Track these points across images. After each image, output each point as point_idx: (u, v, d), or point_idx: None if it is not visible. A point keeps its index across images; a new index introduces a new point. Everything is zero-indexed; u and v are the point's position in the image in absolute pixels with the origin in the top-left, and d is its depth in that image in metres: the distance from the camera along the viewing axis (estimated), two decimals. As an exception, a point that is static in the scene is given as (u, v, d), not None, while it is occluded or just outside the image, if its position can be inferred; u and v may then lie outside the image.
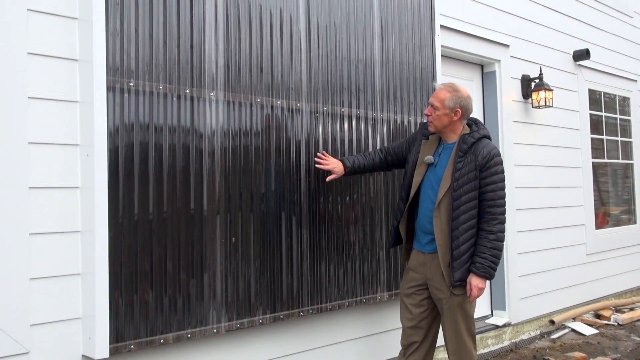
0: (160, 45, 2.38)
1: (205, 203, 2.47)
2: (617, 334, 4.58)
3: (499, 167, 2.48)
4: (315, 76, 2.92)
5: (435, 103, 2.55)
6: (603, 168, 5.54)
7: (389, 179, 3.23)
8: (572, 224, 4.92)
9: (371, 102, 3.17)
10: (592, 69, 5.27)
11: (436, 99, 2.55)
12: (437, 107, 2.53)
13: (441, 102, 2.52)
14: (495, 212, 2.45)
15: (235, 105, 2.59)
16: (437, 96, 2.55)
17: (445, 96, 2.53)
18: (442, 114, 2.53)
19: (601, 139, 5.50)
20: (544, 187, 4.64)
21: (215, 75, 2.53)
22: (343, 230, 2.98)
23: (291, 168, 2.77)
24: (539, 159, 4.61)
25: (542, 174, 4.63)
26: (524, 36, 4.56)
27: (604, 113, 5.55)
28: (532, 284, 4.47)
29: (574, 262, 4.92)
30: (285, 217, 2.74)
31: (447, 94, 2.53)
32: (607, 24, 5.52)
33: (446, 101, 2.51)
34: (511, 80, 4.41)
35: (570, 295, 4.85)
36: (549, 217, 4.66)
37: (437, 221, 2.50)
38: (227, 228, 2.53)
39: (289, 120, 2.79)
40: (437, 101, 2.54)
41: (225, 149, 2.54)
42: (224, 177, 2.53)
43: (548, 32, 4.81)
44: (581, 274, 4.98)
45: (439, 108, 2.53)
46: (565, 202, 4.86)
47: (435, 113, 2.55)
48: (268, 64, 2.72)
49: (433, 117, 2.56)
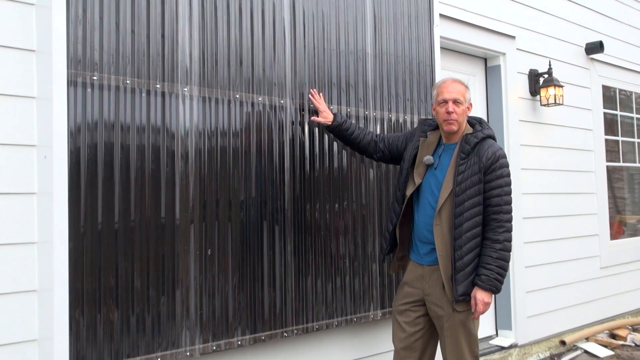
0: (127, 35, 2.39)
1: (178, 211, 2.47)
2: (634, 355, 4.64)
3: (505, 170, 2.52)
4: (301, 70, 2.95)
5: (459, 97, 2.55)
6: (618, 172, 5.63)
7: (382, 185, 3.26)
8: (585, 234, 4.99)
9: (363, 98, 3.20)
10: (606, 63, 5.36)
11: (459, 93, 2.55)
12: (461, 101, 2.55)
13: (463, 95, 2.55)
14: (501, 219, 2.48)
15: (211, 101, 2.60)
16: (458, 90, 2.56)
17: (463, 89, 2.57)
18: (464, 110, 2.57)
19: (616, 141, 5.59)
20: (553, 194, 4.71)
21: (189, 69, 2.54)
22: (332, 241, 3.00)
23: (274, 172, 2.79)
24: (548, 162, 4.68)
25: (551, 178, 4.69)
26: (531, 27, 4.63)
27: (620, 112, 5.65)
28: (541, 300, 4.53)
29: (587, 276, 4.98)
30: (268, 227, 2.75)
31: (462, 87, 2.57)
32: (622, 13, 5.62)
33: (466, 94, 2.56)
34: (517, 75, 4.47)
35: (583, 313, 4.92)
36: (559, 227, 4.73)
37: (437, 230, 2.53)
38: (202, 239, 2.53)
39: (271, 119, 2.81)
40: (461, 95, 2.55)
41: (200, 150, 2.55)
42: (199, 182, 2.54)
43: (558, 23, 4.89)
44: (595, 290, 5.05)
45: (463, 102, 2.55)
46: (577, 210, 4.93)
47: (459, 108, 2.56)
48: (248, 57, 2.74)
49: (457, 113, 2.56)
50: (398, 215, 2.68)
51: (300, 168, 2.90)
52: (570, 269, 4.81)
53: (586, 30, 5.18)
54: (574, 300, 4.83)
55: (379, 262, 3.18)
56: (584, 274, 4.94)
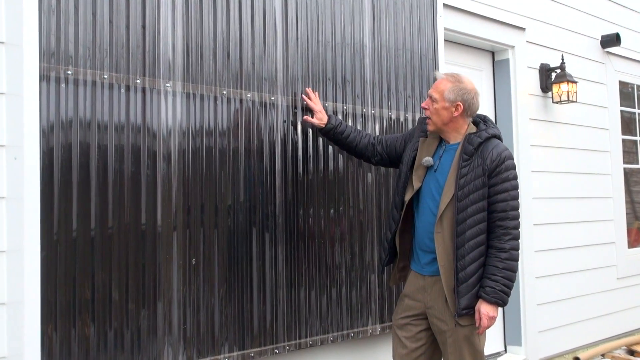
0: (105, 26, 2.40)
1: (160, 217, 2.48)
2: (653, 373, 4.67)
3: (512, 173, 2.54)
4: (293, 64, 2.96)
5: (433, 94, 2.62)
6: (637, 175, 5.67)
7: (382, 189, 3.28)
8: (600, 241, 5.02)
9: (360, 95, 3.23)
10: (623, 57, 5.40)
11: (435, 90, 2.62)
12: (435, 98, 2.60)
13: (440, 94, 2.59)
14: (507, 225, 2.50)
15: (196, 98, 2.61)
16: (437, 87, 2.63)
17: (445, 87, 2.59)
18: (440, 108, 2.59)
19: (634, 141, 5.63)
20: (566, 198, 4.74)
21: (172, 63, 2.56)
22: (327, 249, 3.02)
23: (264, 174, 2.81)
24: (560, 164, 4.71)
25: (564, 182, 4.72)
26: (542, 18, 4.66)
27: (638, 110, 5.69)
28: (553, 314, 4.55)
29: (603, 287, 5.01)
30: (257, 234, 2.76)
31: (447, 84, 2.59)
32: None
33: (446, 92, 2.58)
34: (527, 70, 4.51)
35: (599, 327, 4.95)
36: (572, 234, 4.76)
37: (439, 238, 2.54)
38: (186, 247, 2.54)
39: (261, 117, 2.82)
40: (436, 92, 2.61)
41: (184, 151, 2.56)
42: (183, 185, 2.55)
43: (571, 13, 4.93)
44: (611, 302, 5.08)
45: (438, 100, 2.60)
46: (592, 216, 4.96)
47: (433, 106, 2.61)
48: (236, 50, 2.76)
49: (431, 110, 2.62)
50: (397, 223, 2.70)
51: (293, 170, 2.91)
52: (585, 280, 4.84)
53: (602, 22, 5.22)
54: (589, 314, 4.86)
55: (378, 273, 3.19)
56: (599, 284, 4.97)
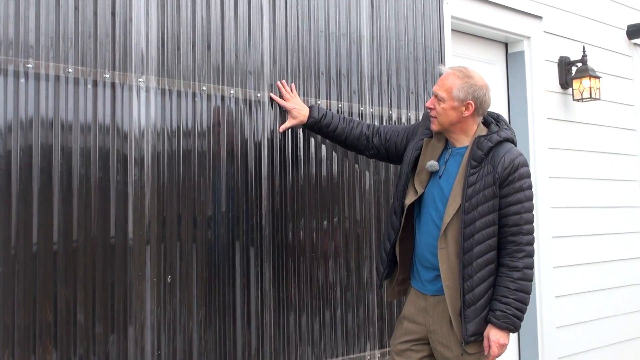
0: (69, 12, 2.41)
1: (131, 229, 2.49)
2: (688, 405, 4.69)
3: (526, 182, 2.55)
4: (282, 56, 2.99)
5: (440, 92, 2.61)
6: (668, 181, 5.70)
7: (381, 196, 3.30)
8: (629, 256, 5.05)
9: (357, 91, 3.25)
10: (652, 49, 5.44)
11: (441, 88, 2.61)
12: (442, 97, 2.60)
13: (448, 92, 2.59)
14: (520, 241, 2.51)
15: (172, 95, 2.63)
16: (443, 84, 2.62)
17: (453, 83, 2.60)
18: (448, 108, 2.59)
19: (665, 143, 5.66)
20: (589, 207, 4.77)
21: (145, 54, 2.57)
22: (319, 265, 3.03)
23: (249, 181, 2.82)
24: (582, 169, 4.74)
25: (586, 189, 4.76)
26: (561, 5, 4.70)
27: (669, 108, 5.72)
28: (575, 338, 4.57)
29: (631, 307, 5.03)
30: (241, 249, 2.78)
31: (456, 80, 2.60)
32: (671, -11, 5.71)
33: (454, 90, 2.58)
34: (545, 63, 4.54)
35: (626, 353, 4.96)
36: (596, 248, 4.78)
37: (443, 254, 2.55)
38: (161, 263, 2.55)
39: (245, 116, 2.84)
40: (443, 90, 2.60)
41: (158, 154, 2.58)
42: (157, 193, 2.56)
43: (594, 0, 4.96)
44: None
45: (445, 99, 2.59)
46: (618, 228, 4.99)
47: (439, 106, 2.61)
48: (218, 40, 2.78)
49: (437, 111, 2.62)
50: (397, 231, 2.69)
51: (281, 176, 2.93)
52: (611, 299, 4.85)
53: (628, 10, 5.25)
54: (616, 337, 4.87)
55: (377, 291, 3.21)
56: (627, 304, 4.99)
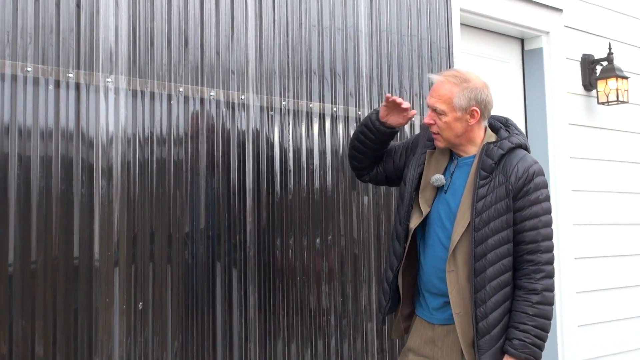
0: (29, 3, 2.42)
1: (97, 249, 2.50)
2: None
3: (542, 192, 2.57)
4: (269, 54, 3.01)
5: (438, 105, 2.58)
6: None
7: (381, 212, 3.32)
8: (661, 280, 5.10)
9: (354, 93, 3.28)
10: (687, 46, 5.50)
11: (439, 99, 2.59)
12: (442, 110, 2.58)
13: (447, 102, 2.57)
14: (539, 260, 2.53)
15: (145, 97, 2.65)
16: (439, 95, 2.59)
17: (451, 92, 2.58)
18: (452, 120, 2.58)
19: (702, 152, 5.71)
20: (617, 225, 4.80)
21: (114, 51, 2.59)
22: (311, 290, 3.04)
23: (232, 194, 2.84)
24: (608, 181, 4.77)
25: (614, 204, 4.78)
26: (585, -4, 4.77)
27: None
28: (602, 374, 4.60)
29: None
30: (222, 270, 2.79)
31: (453, 88, 2.58)
32: None
33: (455, 99, 2.57)
34: (566, 62, 4.58)
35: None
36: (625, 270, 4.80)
37: (452, 277, 2.56)
38: (131, 288, 2.56)
39: (228, 121, 2.86)
40: (441, 101, 2.58)
41: (129, 164, 2.59)
42: (127, 207, 2.58)
43: (621, -10, 5.04)
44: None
45: (446, 112, 2.58)
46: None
47: (441, 120, 2.59)
48: (196, 35, 2.80)
49: (439, 126, 2.60)
50: (400, 259, 2.70)
51: (268, 188, 2.95)
52: (642, 331, 4.92)
53: (659, 1, 5.32)
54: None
55: (377, 320, 3.24)
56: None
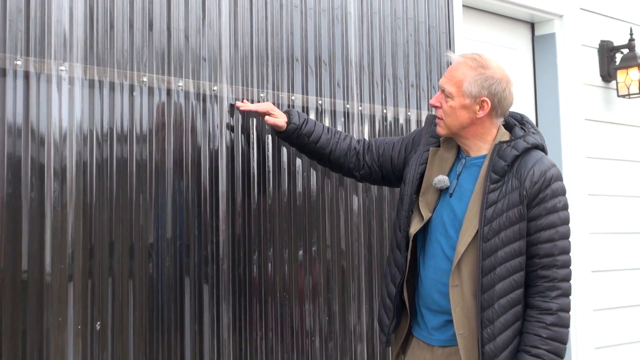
0: (-29, -18, 2.42)
1: (49, 261, 2.48)
2: None
3: (561, 200, 2.57)
4: (245, 40, 3.00)
5: (447, 87, 2.62)
6: None
7: (373, 219, 3.31)
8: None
9: (342, 83, 3.27)
10: None
11: (450, 80, 2.63)
12: (450, 93, 2.61)
13: (457, 86, 2.60)
14: (555, 276, 2.53)
15: (104, 87, 2.63)
16: (452, 75, 2.63)
17: (464, 75, 2.61)
18: (458, 106, 2.61)
19: None
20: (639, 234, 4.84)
21: (68, 36, 2.58)
22: (293, 308, 3.03)
23: (202, 199, 2.83)
24: (629, 184, 4.79)
25: (636, 210, 4.81)
26: (603, -25, 4.79)
27: None
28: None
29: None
30: (192, 286, 2.78)
31: (468, 71, 2.61)
32: None
33: (466, 84, 2.59)
34: (582, 49, 4.59)
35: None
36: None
37: (456, 293, 2.57)
38: (88, 306, 2.54)
39: (198, 116, 2.85)
40: (451, 83, 2.62)
41: (85, 164, 2.57)
42: (83, 214, 2.56)
43: (644, -31, 5.06)
44: None
45: (454, 95, 2.61)
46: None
47: (447, 104, 2.62)
48: (162, 17, 2.79)
49: (444, 110, 2.63)
50: (403, 270, 2.71)
51: (244, 193, 2.94)
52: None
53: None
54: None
55: (368, 342, 3.22)
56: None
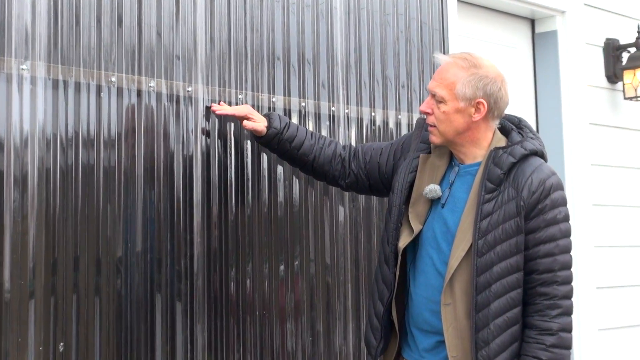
0: None
1: (7, 277, 2.47)
2: None
3: (561, 211, 2.58)
4: (223, 37, 3.00)
5: (438, 90, 2.62)
6: None
7: (360, 231, 3.31)
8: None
9: (327, 84, 3.27)
10: None
11: (440, 83, 2.62)
12: (442, 97, 2.61)
13: (449, 88, 2.60)
14: (555, 293, 2.54)
15: (68, 88, 2.62)
16: (442, 77, 2.63)
17: (456, 77, 2.61)
18: (452, 111, 2.61)
19: None
20: (647, 246, 4.86)
21: (30, 32, 2.56)
22: (274, 327, 3.03)
23: (176, 209, 2.82)
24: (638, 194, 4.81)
25: (643, 221, 4.85)
26: (608, -31, 4.81)
27: None
28: None
29: None
30: (164, 304, 2.77)
31: (459, 72, 2.61)
32: None
33: (459, 86, 2.59)
34: (586, 47, 4.61)
35: None
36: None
37: (448, 312, 2.57)
38: (50, 325, 2.53)
39: (171, 119, 2.84)
40: (443, 86, 2.61)
41: (48, 171, 2.56)
42: (46, 226, 2.55)
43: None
44: None
45: (446, 99, 2.60)
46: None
47: (439, 109, 2.62)
48: (133, 12, 2.78)
49: (437, 116, 2.63)
50: (391, 286, 2.71)
51: (221, 203, 2.94)
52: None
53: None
54: None
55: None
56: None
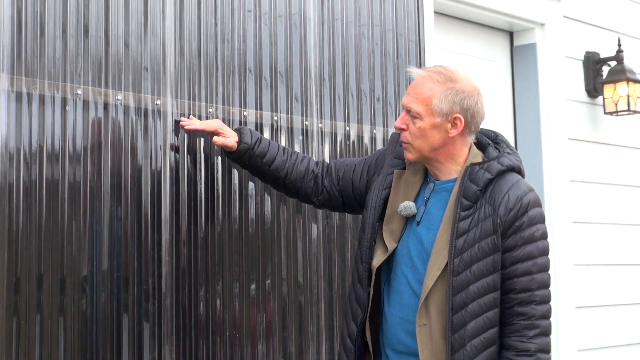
0: None
1: (-31, 296, 2.50)
2: None
3: (539, 229, 2.63)
4: (192, 48, 3.04)
5: (413, 106, 2.64)
6: None
7: (334, 248, 3.36)
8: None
9: (300, 97, 3.32)
10: None
11: (415, 99, 2.65)
12: (418, 113, 2.64)
13: (425, 103, 2.63)
14: (533, 313, 2.59)
15: (32, 100, 2.65)
16: (417, 92, 2.65)
17: (432, 91, 2.64)
18: (428, 127, 2.64)
19: None
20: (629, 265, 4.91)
21: (-7, 42, 2.61)
22: (245, 349, 3.05)
23: (143, 226, 2.85)
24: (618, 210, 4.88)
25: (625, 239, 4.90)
26: (588, -19, 4.89)
27: None
28: None
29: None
30: (130, 325, 2.79)
31: (435, 86, 2.64)
32: None
33: (435, 101, 2.62)
34: (565, 61, 4.69)
35: None
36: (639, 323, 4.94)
37: (423, 333, 2.60)
38: (12, 346, 2.55)
39: (139, 133, 2.88)
40: (418, 101, 2.64)
41: (11, 186, 2.58)
42: (8, 243, 2.57)
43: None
44: None
45: (422, 115, 2.63)
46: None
47: (415, 125, 2.65)
48: (99, 22, 2.81)
49: (412, 132, 2.66)
50: (365, 306, 2.73)
51: (190, 220, 2.97)
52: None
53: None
54: None
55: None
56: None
